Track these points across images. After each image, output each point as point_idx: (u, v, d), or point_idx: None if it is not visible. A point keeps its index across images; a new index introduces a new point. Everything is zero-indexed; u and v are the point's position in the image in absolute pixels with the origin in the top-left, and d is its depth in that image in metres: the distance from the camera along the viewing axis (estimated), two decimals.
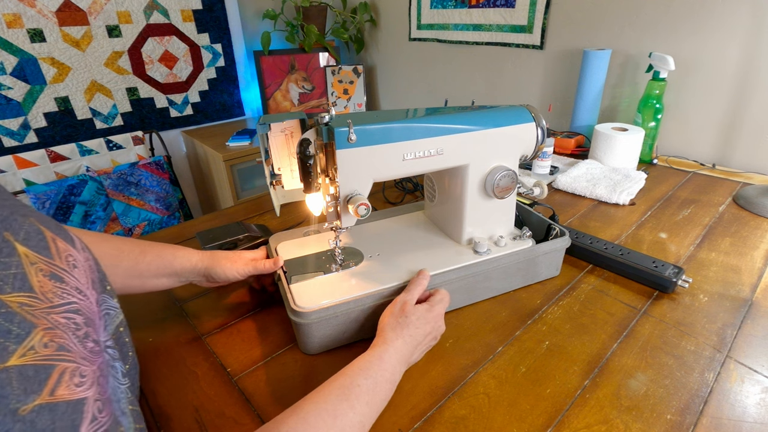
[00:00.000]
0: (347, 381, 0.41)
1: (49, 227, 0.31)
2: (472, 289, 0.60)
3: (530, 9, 1.39)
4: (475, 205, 0.61)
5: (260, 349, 0.54)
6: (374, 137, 0.51)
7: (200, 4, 1.78)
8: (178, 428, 0.45)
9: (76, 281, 0.30)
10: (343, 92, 2.01)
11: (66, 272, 0.30)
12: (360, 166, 0.52)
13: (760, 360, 0.50)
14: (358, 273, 0.58)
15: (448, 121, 0.55)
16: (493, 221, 0.64)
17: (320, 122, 0.49)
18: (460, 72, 1.71)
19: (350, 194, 0.52)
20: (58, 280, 0.29)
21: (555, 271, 0.66)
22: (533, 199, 0.62)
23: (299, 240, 0.66)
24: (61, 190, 1.45)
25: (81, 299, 0.30)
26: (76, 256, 0.32)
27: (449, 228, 0.66)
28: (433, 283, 0.56)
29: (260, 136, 0.55)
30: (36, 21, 1.44)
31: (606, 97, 1.27)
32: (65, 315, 0.28)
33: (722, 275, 0.66)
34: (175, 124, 1.87)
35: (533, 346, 0.53)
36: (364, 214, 0.51)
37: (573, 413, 0.44)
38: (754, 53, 1.00)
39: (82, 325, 0.30)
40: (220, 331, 0.58)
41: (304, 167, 0.51)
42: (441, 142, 0.55)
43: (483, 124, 0.57)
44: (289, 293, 0.53)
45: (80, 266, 0.32)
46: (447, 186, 0.64)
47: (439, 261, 0.59)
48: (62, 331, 0.27)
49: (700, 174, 1.04)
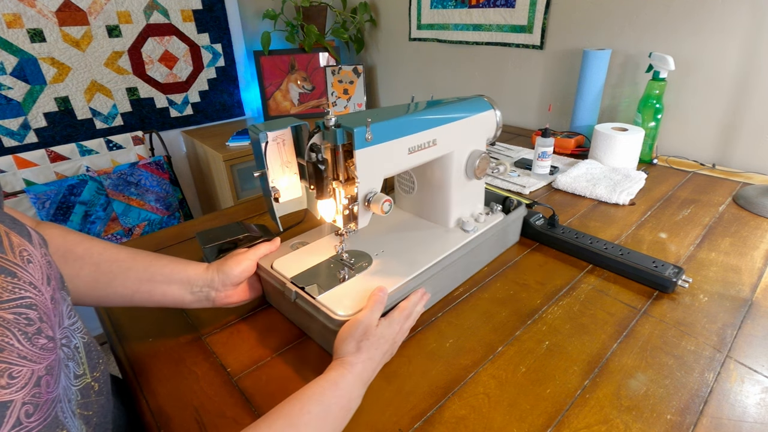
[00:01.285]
0: (297, 407, 0.39)
1: (3, 221, 0.31)
2: (468, 265, 0.66)
3: (530, 9, 1.39)
4: (459, 188, 0.66)
5: (260, 349, 0.54)
6: (385, 133, 0.51)
7: (200, 4, 1.78)
8: (178, 428, 0.45)
9: (29, 276, 0.30)
10: (343, 92, 2.01)
11: (19, 267, 0.29)
12: (375, 164, 0.52)
13: (760, 360, 0.51)
14: (377, 271, 0.58)
15: (438, 113, 0.58)
16: (471, 201, 0.71)
17: (327, 125, 0.48)
18: (460, 72, 1.71)
19: (369, 193, 0.52)
20: (9, 274, 0.28)
21: (516, 237, 0.77)
22: (499, 177, 0.70)
23: (292, 254, 0.62)
24: (61, 190, 1.45)
25: (35, 294, 0.30)
26: (31, 251, 0.32)
27: (435, 214, 0.70)
28: (439, 268, 0.59)
29: (259, 146, 0.52)
30: (36, 21, 1.44)
31: (606, 97, 1.27)
32: (14, 311, 0.28)
33: (722, 275, 0.66)
34: (175, 124, 1.87)
35: (533, 346, 0.53)
36: (388, 210, 0.52)
37: (573, 413, 0.44)
38: (754, 53, 1.00)
39: (36, 320, 0.29)
40: (220, 331, 0.58)
41: (318, 173, 0.50)
42: (435, 133, 0.58)
43: (461, 113, 0.62)
44: (323, 307, 0.51)
45: (35, 261, 0.31)
46: (430, 175, 0.67)
47: (440, 245, 0.63)
48: (4, 328, 0.27)
49: (700, 174, 1.04)
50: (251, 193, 1.75)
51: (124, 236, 1.59)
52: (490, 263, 0.70)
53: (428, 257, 0.60)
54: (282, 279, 0.56)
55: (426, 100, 0.64)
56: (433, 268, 0.58)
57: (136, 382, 0.51)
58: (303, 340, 0.56)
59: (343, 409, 0.42)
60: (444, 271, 0.60)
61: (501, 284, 0.65)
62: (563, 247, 0.73)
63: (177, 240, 0.81)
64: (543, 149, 1.00)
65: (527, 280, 0.66)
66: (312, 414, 0.39)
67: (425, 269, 0.58)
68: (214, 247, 0.70)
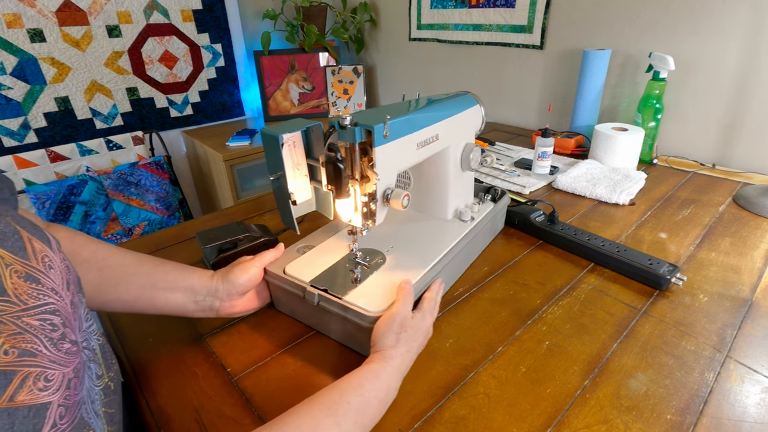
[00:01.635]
0: (336, 396, 0.39)
1: (25, 227, 0.31)
2: (468, 253, 0.69)
3: (530, 9, 1.39)
4: (455, 180, 0.69)
5: (260, 349, 0.54)
6: (398, 130, 0.52)
7: (200, 4, 1.78)
8: (178, 428, 0.45)
9: (51, 282, 0.30)
10: (343, 92, 2.01)
11: (42, 273, 0.30)
12: (391, 161, 0.52)
13: (760, 360, 0.51)
14: (394, 267, 0.59)
15: (437, 109, 0.60)
16: (465, 193, 0.74)
17: (343, 124, 0.48)
18: (460, 72, 1.71)
19: (387, 189, 0.53)
20: (34, 281, 0.29)
21: (501, 224, 0.81)
22: (488, 166, 0.77)
23: (302, 258, 0.61)
24: (61, 190, 1.45)
25: (57, 300, 0.30)
26: (52, 256, 0.32)
27: (432, 207, 0.72)
28: (450, 257, 0.61)
29: (277, 148, 0.50)
30: (36, 21, 1.44)
31: (606, 97, 1.27)
32: (40, 317, 0.28)
33: (722, 275, 0.66)
34: (175, 124, 1.87)
35: (533, 346, 0.53)
36: (407, 204, 0.53)
37: (573, 413, 0.44)
38: (754, 53, 1.00)
39: (60, 325, 0.30)
40: (220, 331, 0.58)
41: (337, 172, 0.50)
42: (437, 129, 0.60)
43: (456, 109, 0.64)
44: (353, 306, 0.51)
45: (56, 267, 0.32)
46: (427, 169, 0.69)
47: (446, 236, 0.65)
48: (32, 334, 0.27)
49: (700, 174, 1.04)
50: (251, 193, 1.75)
51: (124, 236, 1.59)
52: (490, 263, 0.71)
53: (438, 248, 0.62)
54: (299, 283, 0.55)
55: (416, 98, 0.64)
56: (445, 257, 0.61)
57: (136, 382, 0.51)
58: (303, 340, 0.56)
59: (381, 402, 0.42)
60: (455, 259, 0.63)
61: (501, 284, 0.65)
62: (562, 244, 0.74)
63: (177, 240, 0.81)
64: (543, 149, 1.00)
65: (527, 280, 0.66)
66: (351, 404, 0.39)
67: (439, 259, 0.60)
68: (214, 247, 0.70)
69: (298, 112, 2.03)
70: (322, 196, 0.57)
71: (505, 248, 0.75)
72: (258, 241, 0.72)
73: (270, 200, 0.97)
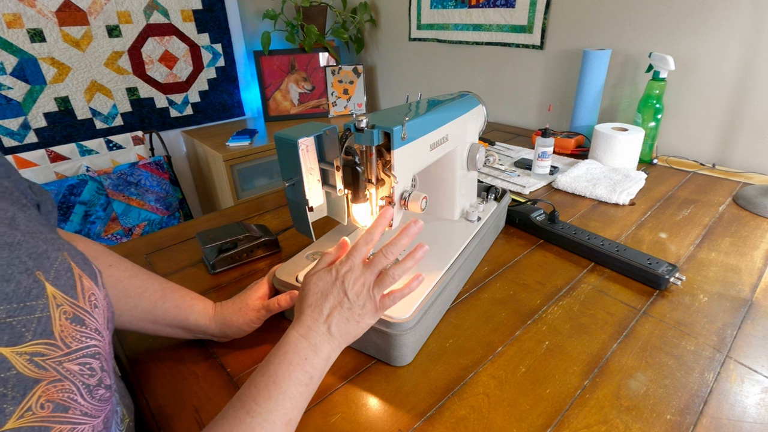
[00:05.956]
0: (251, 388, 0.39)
1: (77, 262, 0.30)
2: (478, 252, 0.69)
3: (530, 9, 1.39)
4: (462, 180, 0.69)
5: (260, 349, 0.54)
6: (413, 132, 0.51)
7: (200, 4, 1.78)
8: (178, 428, 0.45)
9: (95, 322, 0.29)
10: (343, 92, 2.01)
11: (87, 314, 0.29)
12: (407, 163, 0.52)
13: (760, 360, 0.51)
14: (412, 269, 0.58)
15: (445, 110, 0.60)
16: (470, 193, 0.75)
17: (358, 127, 0.47)
18: (460, 72, 1.71)
19: (404, 192, 0.52)
20: (79, 323, 0.28)
21: (503, 223, 0.81)
22: (490, 165, 0.79)
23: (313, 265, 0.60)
24: (61, 190, 1.45)
25: (99, 341, 0.29)
26: (97, 294, 0.31)
27: (440, 208, 0.72)
28: (465, 256, 0.62)
29: (296, 152, 0.48)
30: (36, 21, 1.44)
31: (606, 97, 1.27)
32: (80, 361, 0.27)
33: (722, 275, 0.66)
34: (175, 124, 1.87)
35: (533, 346, 0.53)
36: (425, 206, 0.53)
37: (573, 413, 0.44)
38: (754, 53, 1.00)
39: (98, 370, 0.29)
40: None
41: (355, 176, 0.49)
42: (447, 129, 0.60)
43: (461, 110, 0.64)
44: None
45: (100, 306, 0.31)
46: (433, 170, 0.69)
47: (457, 236, 0.66)
48: (71, 381, 0.26)
49: (700, 174, 1.04)
50: (251, 193, 1.75)
51: (124, 236, 1.59)
52: (490, 263, 0.71)
53: (453, 248, 0.62)
54: None
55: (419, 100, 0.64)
56: (460, 257, 0.61)
57: (136, 382, 0.51)
58: None
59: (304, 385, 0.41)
60: (468, 259, 0.63)
61: (501, 284, 0.65)
62: (562, 243, 0.74)
63: (177, 240, 0.81)
64: (543, 149, 1.00)
65: (527, 280, 0.66)
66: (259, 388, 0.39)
67: (454, 259, 0.60)
68: (214, 247, 0.70)
69: (298, 112, 2.03)
70: (333, 201, 0.56)
71: (505, 248, 0.75)
72: (258, 241, 0.72)
73: (270, 200, 0.97)
